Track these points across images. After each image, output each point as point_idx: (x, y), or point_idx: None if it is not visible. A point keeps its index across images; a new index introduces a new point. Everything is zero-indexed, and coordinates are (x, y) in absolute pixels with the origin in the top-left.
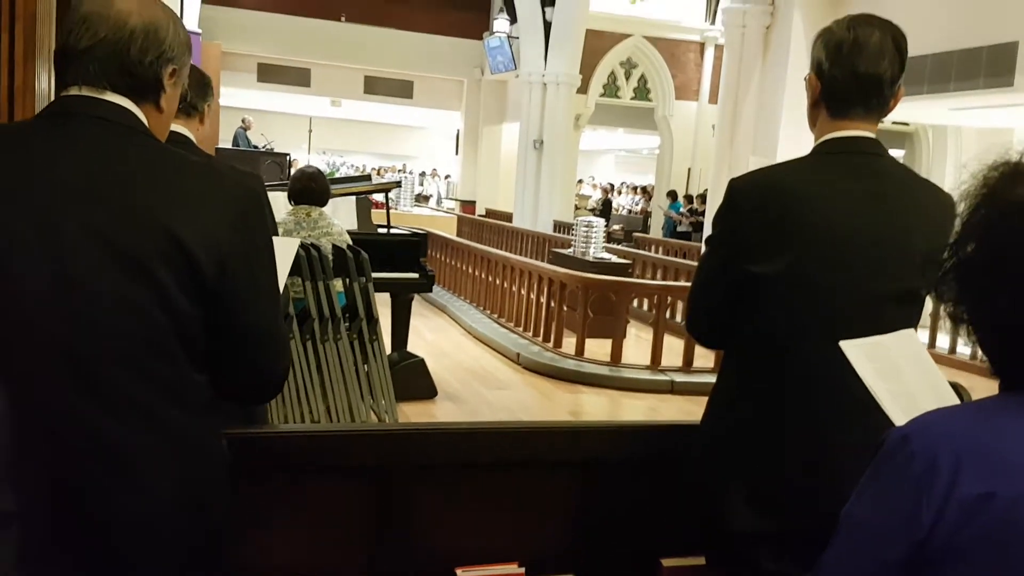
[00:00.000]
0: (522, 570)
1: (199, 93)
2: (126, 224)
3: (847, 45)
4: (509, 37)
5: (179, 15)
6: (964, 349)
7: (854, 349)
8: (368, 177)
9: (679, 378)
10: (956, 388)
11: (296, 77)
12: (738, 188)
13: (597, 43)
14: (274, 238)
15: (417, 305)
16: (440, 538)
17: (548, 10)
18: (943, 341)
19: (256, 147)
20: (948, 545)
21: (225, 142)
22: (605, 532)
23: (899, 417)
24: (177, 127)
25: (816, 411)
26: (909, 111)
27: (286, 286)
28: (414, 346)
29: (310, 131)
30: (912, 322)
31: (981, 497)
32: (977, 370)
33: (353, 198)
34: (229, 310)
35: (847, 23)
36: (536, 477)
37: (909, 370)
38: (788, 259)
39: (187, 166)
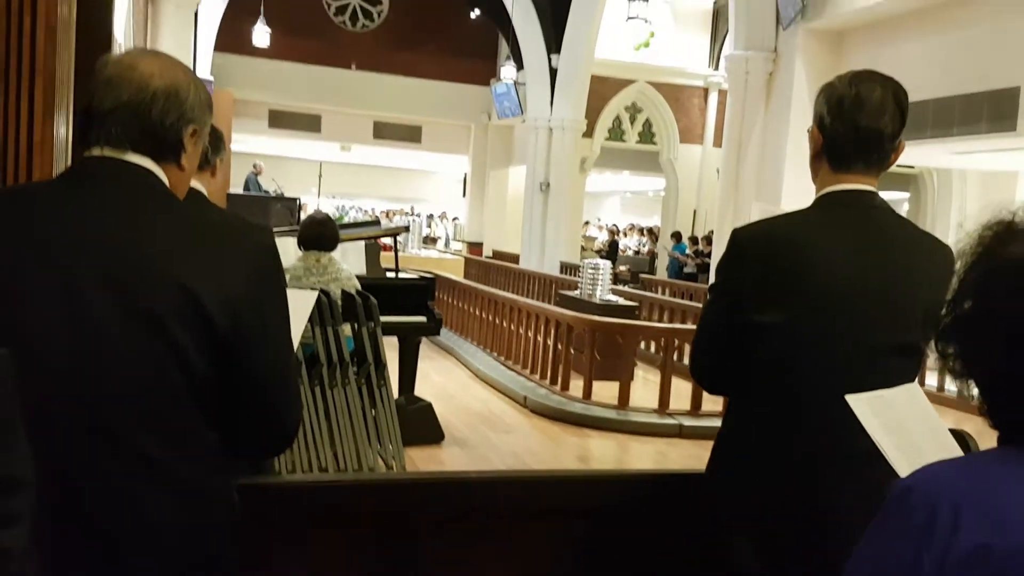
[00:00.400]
0: None
1: (211, 147)
2: (145, 283)
3: (849, 100)
4: (516, 83)
5: (192, 63)
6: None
7: (859, 403)
8: (377, 222)
9: (687, 422)
10: (963, 435)
11: (307, 123)
12: (741, 238)
13: (602, 88)
14: (292, 291)
15: (425, 347)
16: None
17: (554, 57)
18: (953, 385)
19: (267, 192)
20: None
21: (237, 187)
22: None
23: (905, 470)
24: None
25: (817, 461)
26: (913, 155)
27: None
28: (421, 389)
29: (320, 175)
30: (912, 373)
31: (979, 549)
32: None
33: (362, 243)
34: (243, 364)
35: (849, 79)
36: (542, 524)
37: (913, 423)
38: (789, 311)
39: (204, 225)
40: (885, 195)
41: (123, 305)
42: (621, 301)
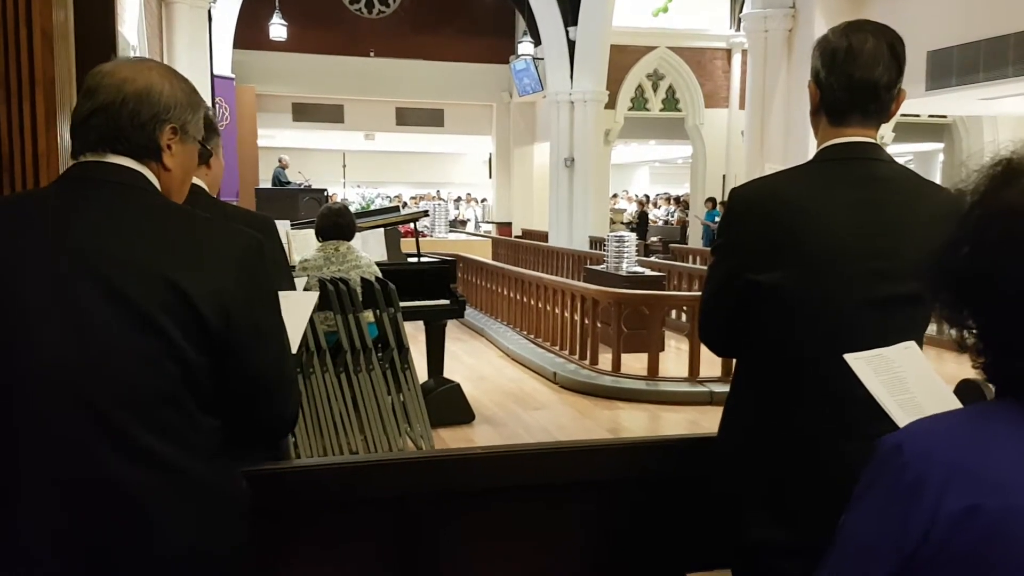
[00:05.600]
0: None
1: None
2: (134, 280)
3: (842, 53)
4: (534, 59)
5: (209, 61)
6: None
7: (858, 362)
8: (397, 208)
9: (718, 388)
10: (979, 386)
11: (330, 114)
12: (739, 196)
13: (622, 58)
14: (292, 293)
15: (455, 329)
16: (463, 562)
17: (571, 30)
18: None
19: (292, 184)
20: (936, 558)
21: (265, 181)
22: (629, 548)
23: None
24: None
25: (824, 420)
26: (939, 104)
27: (313, 322)
28: (452, 371)
29: (344, 165)
30: (920, 323)
31: (967, 509)
32: None
33: (382, 229)
34: (236, 357)
35: (842, 30)
36: (556, 497)
37: (912, 381)
38: (788, 269)
39: (189, 221)
40: (919, 147)
41: (115, 301)
42: (648, 272)
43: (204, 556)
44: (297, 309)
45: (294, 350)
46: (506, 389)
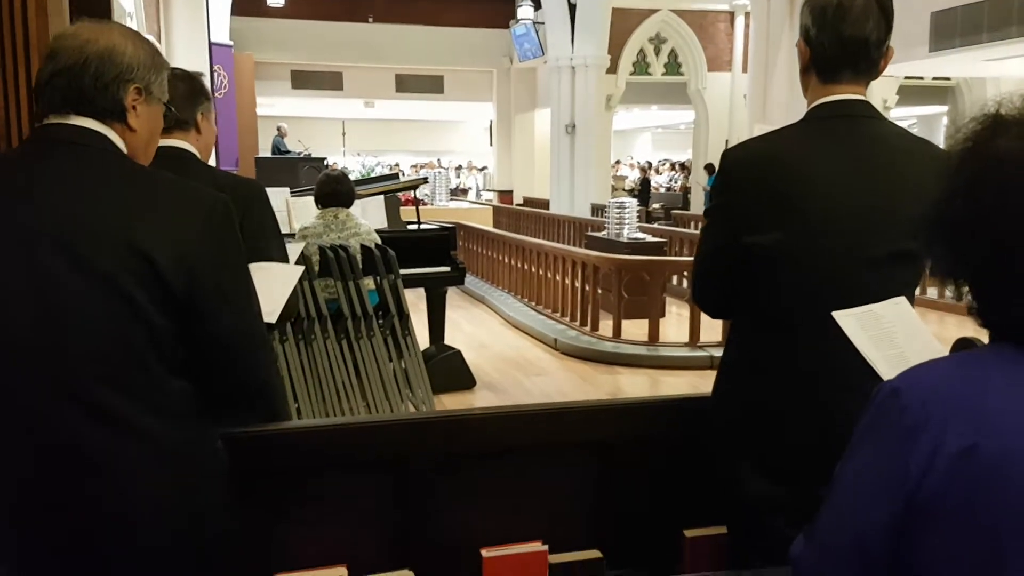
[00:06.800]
0: (546, 548)
1: (189, 103)
2: (95, 241)
3: (831, 10)
4: (535, 23)
5: (207, 28)
6: None
7: (846, 318)
8: (396, 176)
9: (718, 353)
10: (976, 344)
11: (329, 81)
12: (731, 159)
13: (624, 21)
14: (277, 264)
15: (457, 297)
16: (464, 522)
17: None
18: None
19: (292, 153)
20: (937, 499)
21: (264, 150)
22: (627, 507)
23: None
24: (177, 142)
25: (818, 379)
26: (942, 65)
27: (307, 289)
28: (453, 338)
29: (344, 133)
30: (912, 281)
31: (966, 450)
32: None
33: (382, 197)
34: (201, 319)
35: None
36: (555, 457)
37: (901, 336)
38: (782, 229)
39: (152, 183)
40: (923, 110)
41: (76, 263)
42: (649, 238)
43: (176, 517)
44: (281, 279)
45: (273, 319)
46: (507, 356)
